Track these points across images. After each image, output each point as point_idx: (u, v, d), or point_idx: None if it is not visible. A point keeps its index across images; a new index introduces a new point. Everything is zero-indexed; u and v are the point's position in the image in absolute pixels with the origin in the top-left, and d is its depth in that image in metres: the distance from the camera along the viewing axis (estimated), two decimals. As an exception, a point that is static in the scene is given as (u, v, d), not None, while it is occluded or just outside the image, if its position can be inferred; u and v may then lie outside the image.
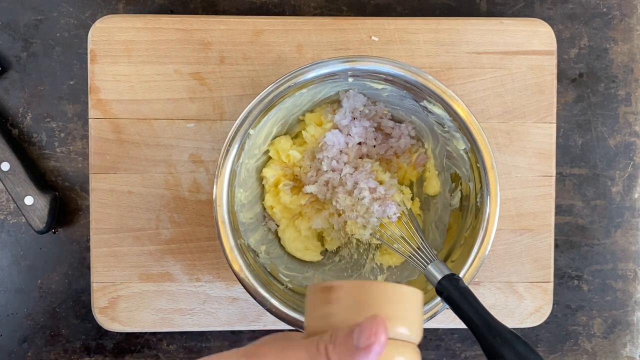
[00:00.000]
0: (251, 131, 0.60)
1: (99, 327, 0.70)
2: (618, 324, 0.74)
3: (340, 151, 0.65)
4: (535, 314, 0.69)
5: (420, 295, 0.40)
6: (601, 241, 0.73)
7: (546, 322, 0.70)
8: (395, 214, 0.62)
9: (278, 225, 0.67)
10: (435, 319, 0.59)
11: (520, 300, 0.69)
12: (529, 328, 0.72)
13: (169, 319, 0.68)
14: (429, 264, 0.56)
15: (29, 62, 0.71)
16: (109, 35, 0.67)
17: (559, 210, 0.72)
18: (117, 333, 0.71)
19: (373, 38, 0.68)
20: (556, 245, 0.72)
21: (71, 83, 0.71)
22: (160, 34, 0.67)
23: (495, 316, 0.50)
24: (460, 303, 0.52)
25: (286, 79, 0.59)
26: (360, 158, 0.66)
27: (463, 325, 0.51)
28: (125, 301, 0.67)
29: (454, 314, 0.52)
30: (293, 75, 0.59)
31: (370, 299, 0.38)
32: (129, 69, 0.67)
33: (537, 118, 0.69)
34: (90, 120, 0.67)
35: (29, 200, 0.68)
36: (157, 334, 0.71)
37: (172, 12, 0.72)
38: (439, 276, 0.55)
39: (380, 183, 0.64)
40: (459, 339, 0.73)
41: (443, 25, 0.68)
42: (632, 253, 0.73)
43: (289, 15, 0.72)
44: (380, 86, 0.62)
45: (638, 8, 0.74)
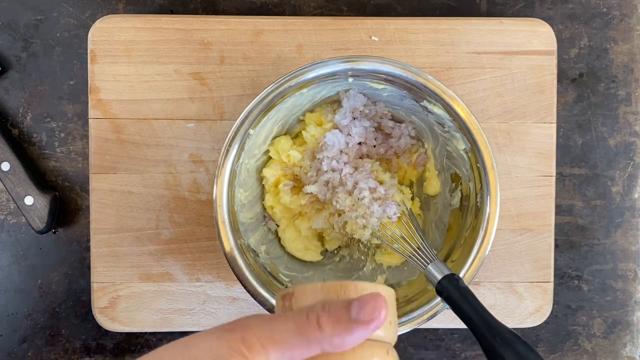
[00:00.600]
0: (251, 131, 0.60)
1: (99, 327, 0.70)
2: (618, 324, 0.74)
3: (340, 151, 0.65)
4: (535, 314, 0.69)
5: (392, 294, 0.38)
6: (601, 241, 0.73)
7: (546, 322, 0.70)
8: (395, 214, 0.62)
9: (278, 225, 0.67)
10: (435, 319, 0.59)
11: (520, 300, 0.69)
12: (529, 328, 0.72)
13: (169, 319, 0.68)
14: (429, 264, 0.56)
15: (29, 62, 0.71)
16: (109, 35, 0.67)
17: (559, 210, 0.72)
18: (117, 333, 0.71)
19: (373, 38, 0.68)
20: (556, 245, 0.72)
21: (71, 83, 0.71)
22: (160, 34, 0.67)
23: (495, 316, 0.50)
24: (460, 303, 0.52)
25: (286, 79, 0.59)
26: (360, 158, 0.66)
27: (463, 325, 0.51)
28: (125, 301, 0.67)
29: (454, 314, 0.52)
30: (293, 75, 0.59)
31: (336, 298, 0.36)
32: (129, 69, 0.67)
33: (537, 118, 0.69)
34: (90, 120, 0.67)
35: (29, 200, 0.68)
36: (157, 334, 0.71)
37: (172, 12, 0.72)
38: (439, 276, 0.55)
39: (380, 183, 0.64)
40: (459, 339, 0.73)
41: (443, 25, 0.68)
42: (632, 253, 0.73)
43: (289, 15, 0.72)
44: (380, 86, 0.62)
45: (638, 8, 0.74)
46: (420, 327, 0.61)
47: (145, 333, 0.71)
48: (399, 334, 0.46)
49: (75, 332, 0.72)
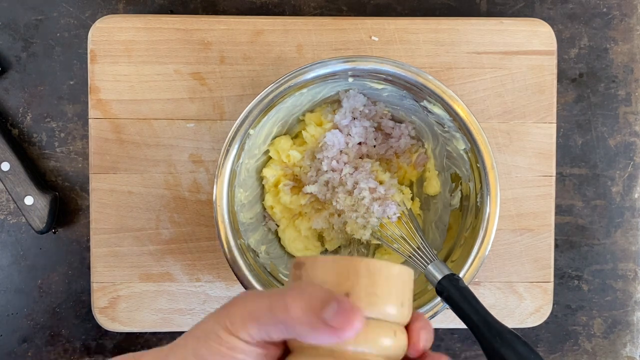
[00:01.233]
0: (251, 131, 0.60)
1: (99, 327, 0.70)
2: (618, 324, 0.74)
3: (340, 151, 0.65)
4: (535, 314, 0.69)
5: (407, 273, 0.36)
6: (601, 241, 0.73)
7: (546, 322, 0.70)
8: (395, 214, 0.62)
9: (278, 225, 0.67)
10: (435, 319, 0.59)
11: (520, 300, 0.69)
12: (529, 328, 0.72)
13: (169, 319, 0.68)
14: (429, 264, 0.56)
15: (29, 62, 0.71)
16: (109, 35, 0.67)
17: (559, 210, 0.72)
18: (117, 333, 0.71)
19: (373, 38, 0.68)
20: (556, 245, 0.72)
21: (71, 83, 0.71)
22: (160, 34, 0.67)
23: (495, 316, 0.50)
24: (460, 303, 0.52)
25: (286, 79, 0.59)
26: (360, 158, 0.66)
27: (463, 325, 0.51)
28: (125, 301, 0.67)
29: (454, 314, 0.52)
30: (293, 75, 0.59)
31: (345, 275, 0.35)
32: (129, 69, 0.67)
33: (537, 118, 0.69)
34: (90, 120, 0.67)
35: (29, 200, 0.68)
36: (157, 334, 0.71)
37: (172, 12, 0.72)
38: (439, 276, 0.55)
39: (380, 183, 0.64)
40: (459, 339, 0.73)
41: (443, 25, 0.68)
42: (632, 253, 0.73)
43: (289, 15, 0.72)
44: (380, 86, 0.62)
45: (638, 8, 0.74)
46: (420, 327, 0.60)
47: (145, 333, 0.71)
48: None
49: (75, 332, 0.72)
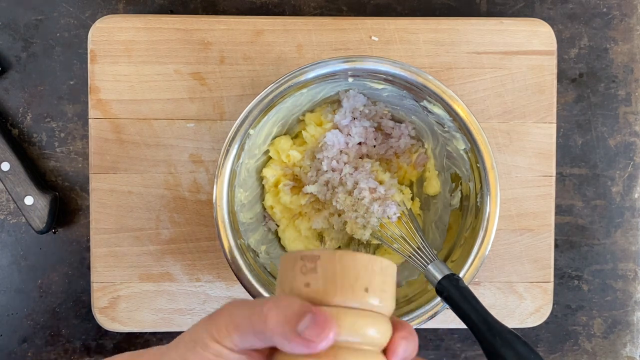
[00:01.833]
0: (251, 131, 0.60)
1: (99, 327, 0.70)
2: (618, 324, 0.74)
3: (340, 151, 0.65)
4: (535, 314, 0.69)
5: (394, 267, 0.39)
6: (601, 241, 0.73)
7: (546, 322, 0.70)
8: (395, 214, 0.62)
9: (278, 225, 0.67)
10: (435, 319, 0.59)
11: (520, 300, 0.69)
12: (529, 328, 0.72)
13: (169, 319, 0.68)
14: (429, 264, 0.56)
15: (29, 62, 0.71)
16: (109, 35, 0.67)
17: (559, 210, 0.72)
18: (117, 333, 0.71)
19: (373, 38, 0.68)
20: (556, 245, 0.72)
21: (71, 83, 0.71)
22: (160, 34, 0.67)
23: (495, 316, 0.50)
24: (460, 303, 0.52)
25: (286, 79, 0.59)
26: (360, 158, 0.66)
27: (463, 325, 0.51)
28: (125, 301, 0.67)
29: (454, 314, 0.52)
30: (293, 75, 0.59)
31: (348, 270, 0.36)
32: (129, 69, 0.67)
33: (537, 118, 0.69)
34: (90, 120, 0.67)
35: (29, 200, 0.68)
36: (157, 334, 0.71)
37: (172, 12, 0.72)
38: (439, 276, 0.55)
39: (380, 183, 0.64)
40: (459, 339, 0.73)
41: (443, 25, 0.68)
42: (632, 253, 0.73)
43: (289, 15, 0.72)
44: (380, 86, 0.62)
45: (638, 8, 0.74)
46: (420, 327, 0.60)
47: (145, 333, 0.71)
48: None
49: (75, 332, 0.72)
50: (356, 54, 0.68)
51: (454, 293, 0.53)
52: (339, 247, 0.68)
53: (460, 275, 0.58)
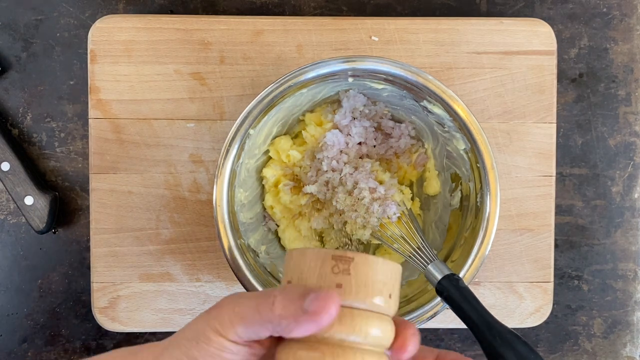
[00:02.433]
0: (251, 131, 0.60)
1: (99, 327, 0.70)
2: (618, 324, 0.74)
3: (340, 151, 0.65)
4: (535, 314, 0.69)
5: (397, 266, 0.40)
6: (601, 241, 0.73)
7: (546, 322, 0.70)
8: (395, 214, 0.62)
9: (278, 225, 0.67)
10: (435, 319, 0.59)
11: (520, 300, 0.69)
12: (529, 328, 0.72)
13: (169, 319, 0.68)
14: (429, 264, 0.56)
15: (29, 62, 0.71)
16: (109, 35, 0.67)
17: (559, 210, 0.72)
18: (117, 333, 0.71)
19: (373, 38, 0.68)
20: (556, 245, 0.72)
21: (71, 83, 0.71)
22: (160, 34, 0.67)
23: (495, 316, 0.50)
24: (460, 303, 0.52)
25: (286, 79, 0.59)
26: (360, 158, 0.66)
27: (463, 325, 0.51)
28: (125, 301, 0.67)
29: (454, 314, 0.52)
30: (293, 75, 0.59)
31: (378, 275, 0.38)
32: (129, 69, 0.67)
33: (537, 118, 0.69)
34: (90, 120, 0.67)
35: (29, 200, 0.68)
36: (157, 334, 0.71)
37: (172, 12, 0.72)
38: (439, 276, 0.55)
39: (380, 183, 0.64)
40: (459, 339, 0.73)
41: (443, 25, 0.68)
42: (632, 253, 0.73)
43: (289, 15, 0.72)
44: (380, 86, 0.62)
45: (638, 8, 0.74)
46: (420, 327, 0.60)
47: (145, 333, 0.71)
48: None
49: (75, 332, 0.72)
50: (356, 54, 0.68)
51: (454, 293, 0.53)
52: (338, 247, 0.68)
53: (460, 275, 0.58)
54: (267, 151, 0.66)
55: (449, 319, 0.67)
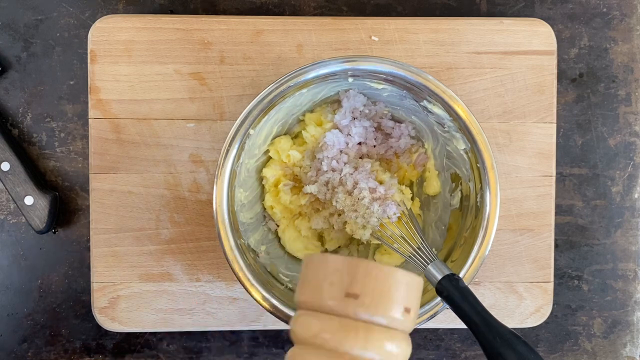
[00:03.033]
0: (251, 131, 0.60)
1: (99, 327, 0.70)
2: (618, 324, 0.74)
3: (340, 151, 0.65)
4: (535, 314, 0.69)
5: (417, 281, 0.40)
6: (601, 241, 0.73)
7: (546, 322, 0.70)
8: (395, 214, 0.62)
9: (278, 225, 0.67)
10: (435, 319, 0.59)
11: (520, 300, 0.69)
12: (529, 328, 0.72)
13: (169, 319, 0.68)
14: (429, 264, 0.56)
15: (29, 62, 0.71)
16: (109, 35, 0.67)
17: (559, 210, 0.72)
18: (117, 333, 0.71)
19: (373, 38, 0.68)
20: (556, 245, 0.72)
21: (71, 83, 0.71)
22: (160, 34, 0.67)
23: (495, 316, 0.50)
24: (460, 303, 0.52)
25: (286, 79, 0.59)
26: (360, 158, 0.66)
27: (463, 325, 0.51)
28: (125, 301, 0.67)
29: (454, 314, 0.52)
30: (293, 75, 0.59)
31: (393, 286, 0.37)
32: (129, 69, 0.67)
33: (537, 118, 0.69)
34: (90, 120, 0.67)
35: (29, 200, 0.68)
36: (157, 334, 0.71)
37: (172, 12, 0.72)
38: (439, 276, 0.55)
39: (380, 183, 0.64)
40: (459, 339, 0.73)
41: (443, 25, 0.68)
42: (632, 253, 0.73)
43: (289, 15, 0.72)
44: (380, 86, 0.62)
45: (638, 8, 0.74)
46: (420, 327, 0.61)
47: (145, 333, 0.71)
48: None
49: (75, 332, 0.72)
50: (356, 54, 0.68)
51: (454, 293, 0.53)
52: (338, 247, 0.68)
53: (460, 275, 0.58)
54: (267, 151, 0.66)
55: (449, 319, 0.67)
